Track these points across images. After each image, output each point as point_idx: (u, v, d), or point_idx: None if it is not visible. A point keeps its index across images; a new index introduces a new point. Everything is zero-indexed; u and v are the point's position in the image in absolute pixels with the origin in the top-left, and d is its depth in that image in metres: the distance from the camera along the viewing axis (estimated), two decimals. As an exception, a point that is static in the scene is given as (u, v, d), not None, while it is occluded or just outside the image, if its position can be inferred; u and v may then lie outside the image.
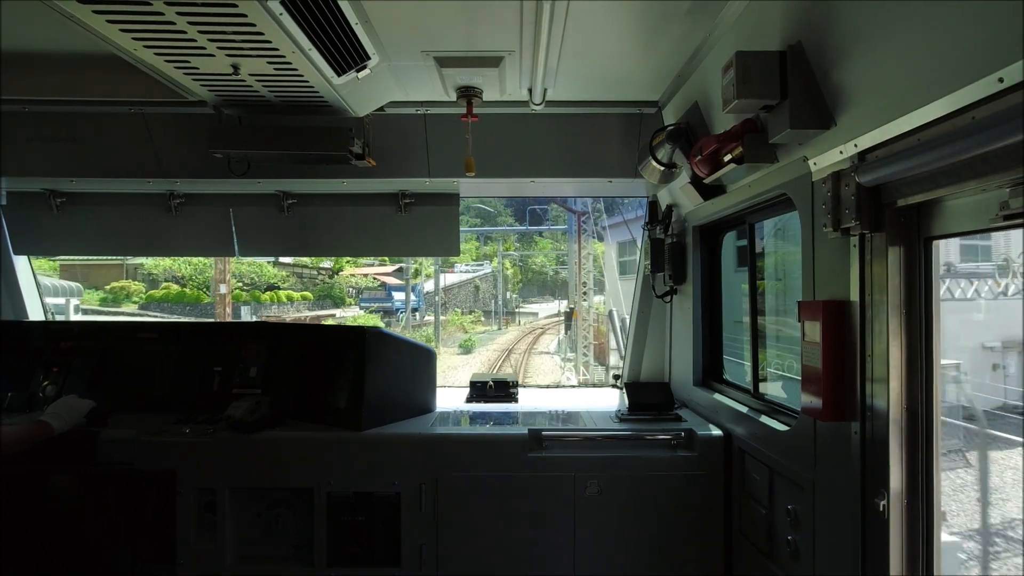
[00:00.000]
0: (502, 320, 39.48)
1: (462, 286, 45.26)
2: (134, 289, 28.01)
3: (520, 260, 52.41)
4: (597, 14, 2.17)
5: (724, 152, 2.18)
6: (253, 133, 2.85)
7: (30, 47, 2.54)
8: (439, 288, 29.92)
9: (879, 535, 1.65)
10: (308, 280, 36.95)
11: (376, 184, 3.44)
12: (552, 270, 52.67)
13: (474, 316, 40.71)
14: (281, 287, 32.37)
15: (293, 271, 35.20)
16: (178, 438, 2.70)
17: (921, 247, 1.60)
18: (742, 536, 2.57)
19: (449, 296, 41.98)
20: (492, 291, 44.59)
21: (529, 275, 54.95)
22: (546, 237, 53.61)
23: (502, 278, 40.91)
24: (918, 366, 1.61)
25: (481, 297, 46.66)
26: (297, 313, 30.41)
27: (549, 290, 55.00)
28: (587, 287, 20.94)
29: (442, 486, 2.68)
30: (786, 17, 1.85)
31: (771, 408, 2.50)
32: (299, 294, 32.89)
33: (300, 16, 1.97)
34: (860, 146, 1.60)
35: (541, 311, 46.39)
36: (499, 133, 3.21)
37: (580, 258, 21.89)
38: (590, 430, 2.82)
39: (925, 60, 1.33)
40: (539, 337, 31.73)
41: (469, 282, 46.57)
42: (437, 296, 28.35)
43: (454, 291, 43.51)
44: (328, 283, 37.62)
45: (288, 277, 34.48)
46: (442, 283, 38.37)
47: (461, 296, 44.98)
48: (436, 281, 28.63)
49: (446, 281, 40.84)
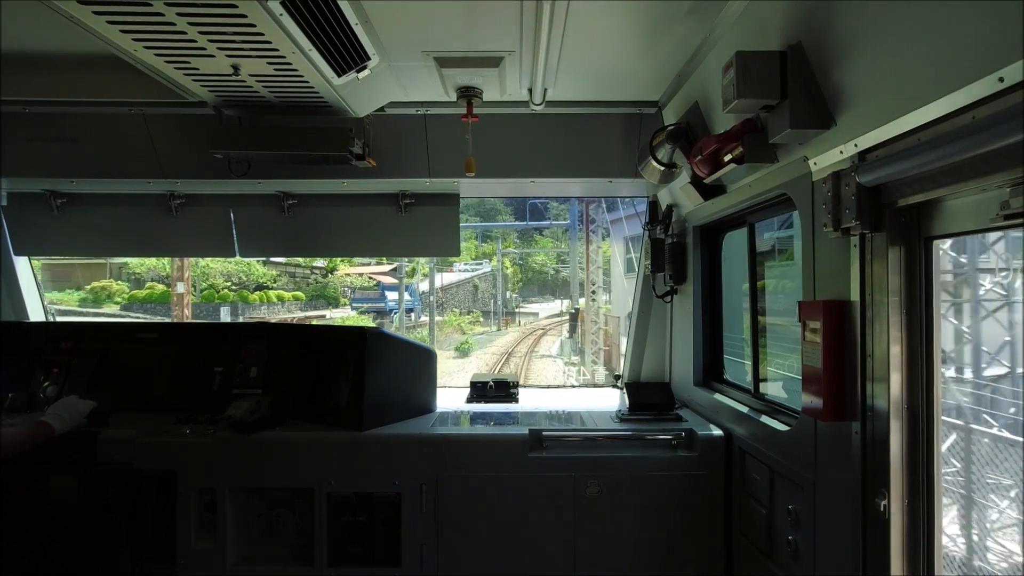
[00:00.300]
0: (501, 321, 38.43)
1: (460, 285, 44.31)
2: (116, 289, 27.10)
3: (520, 258, 51.35)
4: (597, 14, 2.17)
5: (724, 152, 2.18)
6: (253, 134, 2.85)
7: (30, 47, 2.55)
8: (434, 288, 29.06)
9: (879, 535, 1.65)
10: (301, 279, 36.27)
11: (376, 184, 3.44)
12: (553, 269, 51.65)
13: (472, 316, 39.68)
14: (271, 286, 31.74)
15: (285, 270, 34.44)
16: (178, 438, 2.70)
17: (921, 247, 1.60)
18: (742, 536, 2.57)
19: (447, 296, 41.00)
20: (491, 290, 43.80)
21: (529, 274, 53.90)
22: (547, 236, 52.35)
23: (501, 277, 40.15)
24: (918, 366, 1.61)
25: (480, 297, 45.69)
26: (287, 314, 29.45)
27: (550, 289, 53.89)
28: (595, 286, 20.26)
29: (443, 486, 2.68)
30: (786, 17, 1.85)
31: (771, 408, 2.49)
32: (290, 294, 31.87)
33: (300, 16, 1.97)
34: (860, 146, 1.60)
35: (542, 311, 45.39)
36: (499, 133, 3.21)
37: (588, 252, 21.25)
38: (590, 430, 2.82)
39: (925, 60, 1.33)
40: (540, 339, 31.07)
41: (468, 281, 45.65)
42: (432, 296, 27.54)
43: (452, 290, 42.56)
44: (321, 282, 36.95)
45: (279, 276, 33.74)
46: (440, 282, 36.79)
47: (459, 296, 44.11)
48: (432, 280, 27.96)
49: (444, 280, 39.69)
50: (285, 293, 31.74)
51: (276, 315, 28.75)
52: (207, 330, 3.45)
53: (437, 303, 34.59)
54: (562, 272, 48.62)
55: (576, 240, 26.31)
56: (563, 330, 29.38)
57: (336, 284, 37.18)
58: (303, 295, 33.32)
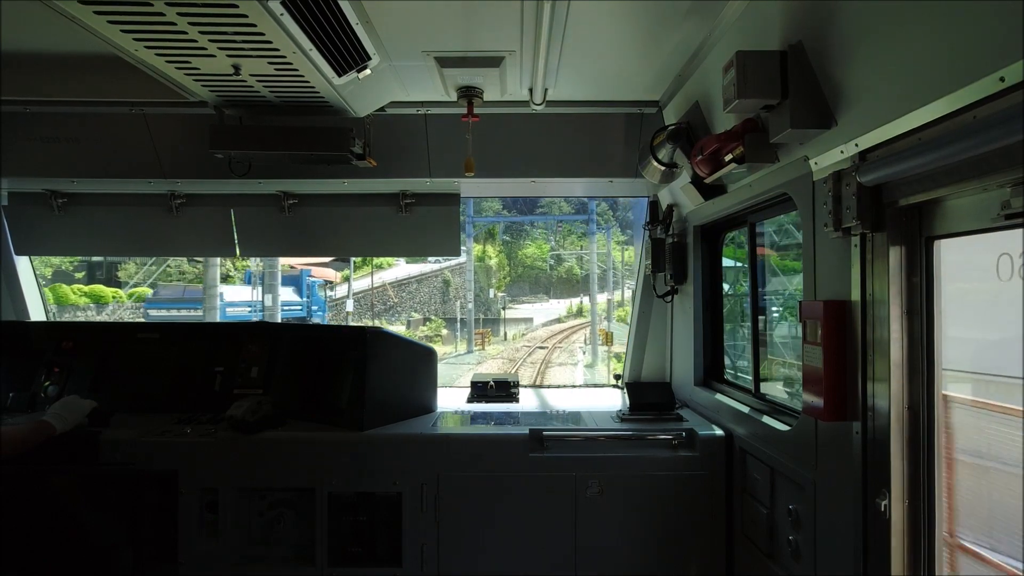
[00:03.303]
0: (477, 337, 25.62)
1: (424, 280, 32.27)
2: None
3: (505, 246, 40.69)
4: (598, 14, 2.17)
5: (725, 152, 2.18)
6: (254, 133, 2.85)
7: (31, 47, 2.55)
8: (351, 292, 20.08)
9: (880, 535, 1.65)
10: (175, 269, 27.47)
11: (377, 184, 3.45)
12: (550, 260, 42.57)
13: (431, 327, 27.79)
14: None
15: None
16: (180, 438, 2.70)
17: (922, 247, 1.60)
18: (743, 536, 2.57)
19: (404, 295, 29.72)
20: (467, 287, 32.54)
21: (519, 270, 43.81)
22: (540, 230, 43.79)
23: (475, 272, 27.70)
24: (919, 366, 1.61)
25: (454, 296, 33.81)
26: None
27: (543, 287, 44.77)
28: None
29: (443, 486, 2.68)
30: (787, 17, 1.85)
31: (772, 408, 2.49)
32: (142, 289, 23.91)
33: (301, 16, 1.97)
34: (861, 146, 1.60)
35: (536, 315, 35.58)
36: (500, 133, 3.21)
37: (644, 241, 18.71)
38: (591, 430, 2.82)
39: (926, 59, 1.33)
40: (545, 365, 21.39)
41: (435, 275, 33.99)
42: (348, 300, 19.26)
43: (411, 287, 31.22)
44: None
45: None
46: (393, 276, 27.44)
47: (422, 295, 32.12)
48: (347, 282, 19.99)
49: (401, 274, 29.23)
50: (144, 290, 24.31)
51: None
52: (209, 330, 3.46)
53: (387, 307, 25.94)
54: (563, 265, 42.39)
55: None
56: (577, 350, 22.50)
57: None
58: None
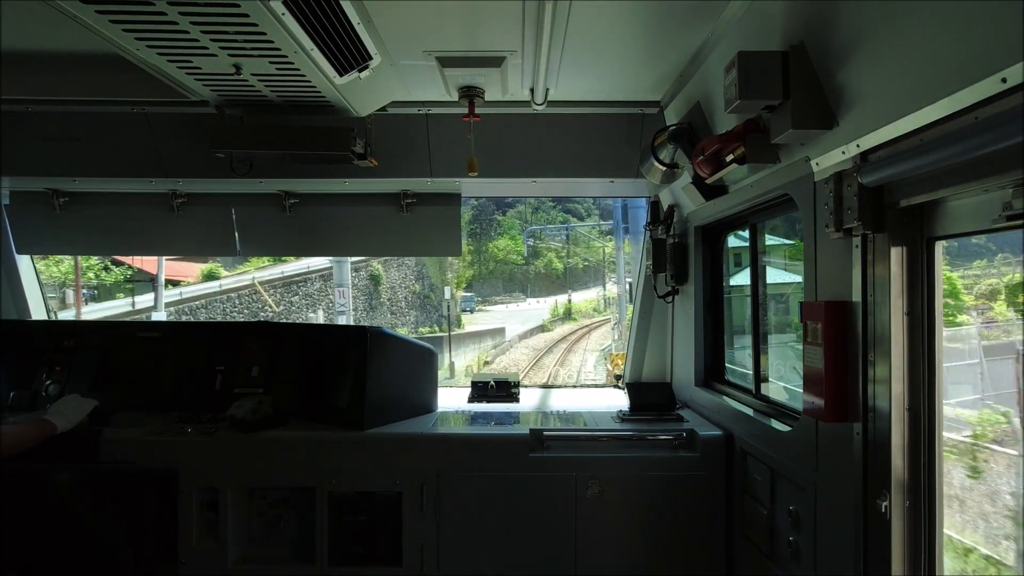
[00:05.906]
0: None
1: (330, 278, 20.64)
2: None
3: (474, 238, 33.28)
4: (599, 14, 2.17)
5: (726, 152, 2.18)
6: (255, 133, 2.86)
7: (32, 46, 2.55)
8: (160, 300, 13.86)
9: (881, 536, 1.65)
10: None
11: (378, 184, 3.45)
12: (524, 252, 35.94)
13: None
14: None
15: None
16: (180, 437, 2.70)
17: (924, 248, 1.60)
18: (743, 537, 2.57)
19: (293, 297, 21.66)
20: (415, 284, 23.44)
21: (491, 265, 36.99)
22: (510, 216, 37.05)
23: (425, 266, 18.77)
24: (920, 367, 1.60)
25: (390, 301, 24.78)
26: None
27: (519, 285, 37.60)
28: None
29: (444, 486, 2.68)
30: (788, 17, 1.84)
31: (773, 409, 2.49)
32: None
33: (302, 16, 1.97)
34: (863, 146, 1.60)
35: (511, 316, 28.19)
36: (501, 133, 3.21)
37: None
38: (592, 430, 2.82)
39: (928, 60, 1.33)
40: None
41: (361, 267, 24.46)
42: (157, 311, 12.99)
43: (312, 286, 22.30)
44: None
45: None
46: (298, 268, 20.06)
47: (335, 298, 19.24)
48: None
49: (304, 266, 21.37)
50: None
51: None
52: (209, 329, 3.46)
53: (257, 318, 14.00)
54: (542, 259, 36.78)
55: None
56: (594, 363, 17.70)
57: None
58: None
